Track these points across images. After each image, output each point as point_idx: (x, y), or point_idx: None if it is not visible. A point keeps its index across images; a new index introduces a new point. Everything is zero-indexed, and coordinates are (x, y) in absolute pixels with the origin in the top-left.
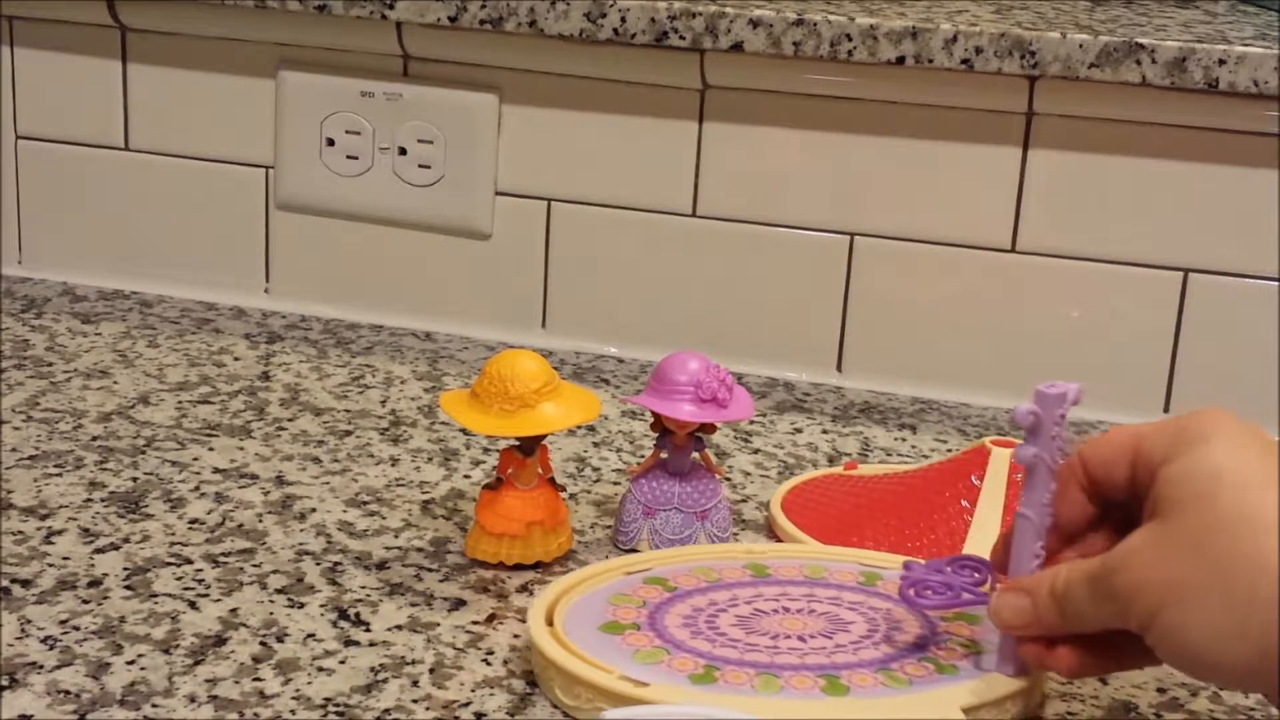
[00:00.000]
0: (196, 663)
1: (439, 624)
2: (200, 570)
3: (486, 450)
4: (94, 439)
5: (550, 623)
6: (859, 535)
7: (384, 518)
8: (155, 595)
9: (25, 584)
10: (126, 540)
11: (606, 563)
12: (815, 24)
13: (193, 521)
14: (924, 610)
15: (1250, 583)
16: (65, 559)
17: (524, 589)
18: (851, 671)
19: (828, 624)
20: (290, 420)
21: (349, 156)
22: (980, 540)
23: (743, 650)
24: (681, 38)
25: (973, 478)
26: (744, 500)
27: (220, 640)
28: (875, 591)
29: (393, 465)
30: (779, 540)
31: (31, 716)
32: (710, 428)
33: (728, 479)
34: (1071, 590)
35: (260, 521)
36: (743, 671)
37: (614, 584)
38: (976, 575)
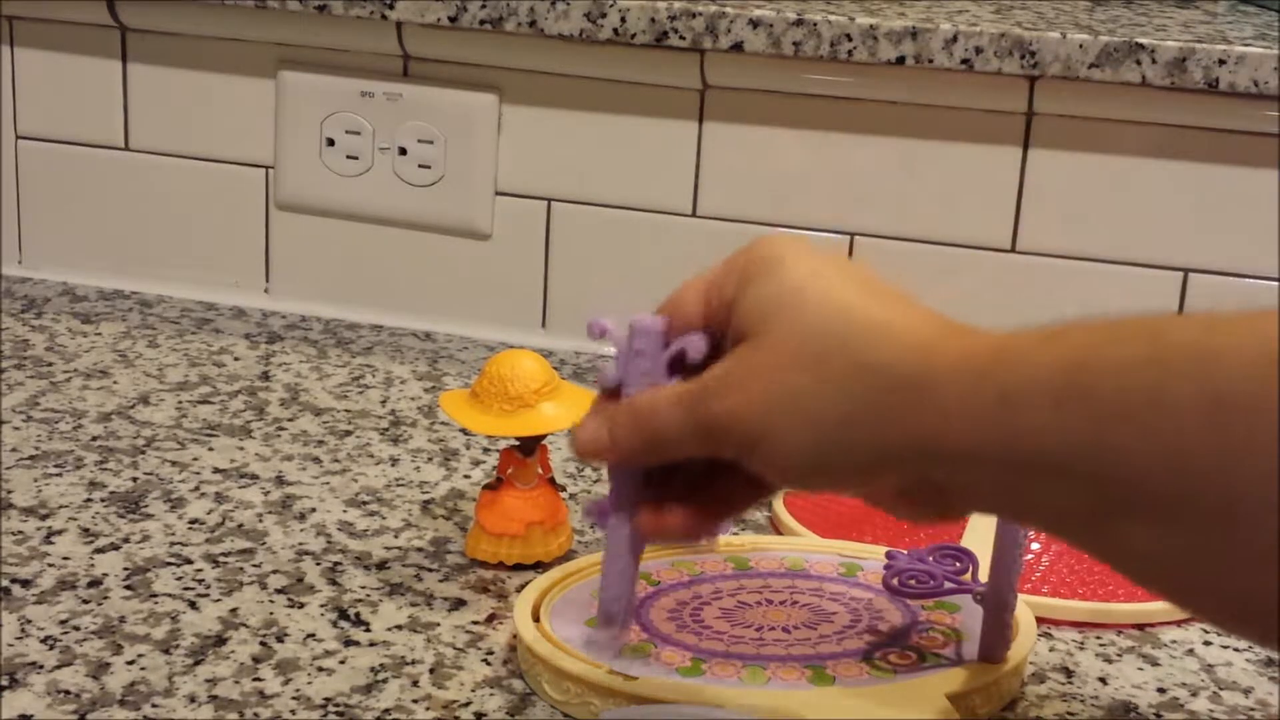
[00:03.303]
0: (196, 663)
1: (439, 624)
2: (200, 570)
3: (486, 450)
4: (94, 439)
5: (537, 619)
6: (859, 530)
7: (384, 518)
8: (155, 595)
9: (25, 584)
10: (126, 540)
11: (589, 558)
12: (815, 24)
13: (193, 521)
14: (908, 599)
15: (856, 385)
16: (65, 559)
17: (524, 589)
18: (837, 662)
19: (811, 615)
20: (290, 420)
21: (349, 156)
22: (977, 534)
23: (729, 642)
24: (681, 38)
25: None
26: None
27: (220, 640)
28: (856, 582)
29: (393, 465)
30: (780, 535)
31: (32, 716)
32: None
33: None
34: (659, 413)
35: (260, 521)
36: (730, 664)
37: (597, 579)
38: (958, 564)
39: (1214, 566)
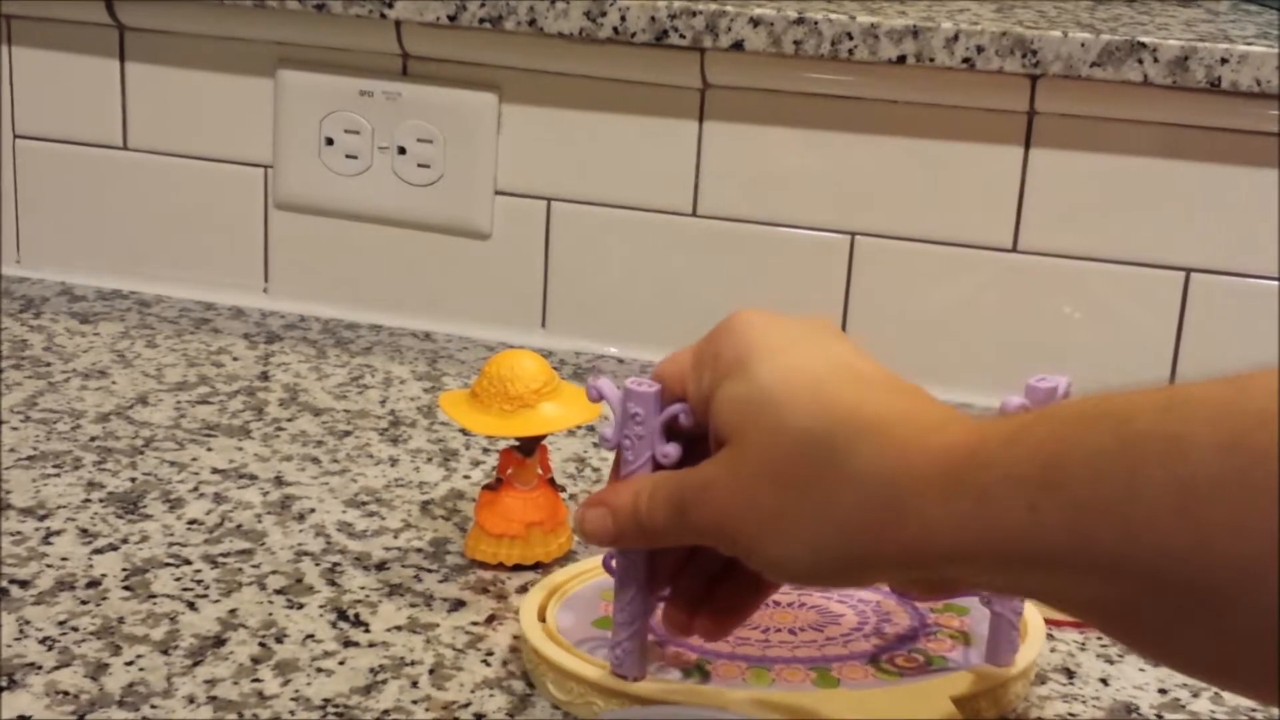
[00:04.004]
0: (195, 663)
1: (438, 625)
2: (199, 571)
3: (486, 450)
4: (92, 439)
5: (543, 619)
6: None
7: (383, 518)
8: (154, 596)
9: (24, 585)
10: (125, 541)
11: (598, 558)
12: (816, 23)
13: (191, 522)
14: (913, 602)
15: (841, 501)
16: (64, 559)
17: (524, 590)
18: (842, 664)
19: (818, 617)
20: (289, 420)
21: (348, 156)
22: None
23: (734, 644)
24: (682, 36)
25: None
26: None
27: (219, 641)
28: None
29: (392, 465)
30: None
31: (30, 717)
32: None
33: None
34: (655, 514)
35: (259, 522)
36: (734, 665)
37: (606, 580)
38: None
39: (1202, 644)
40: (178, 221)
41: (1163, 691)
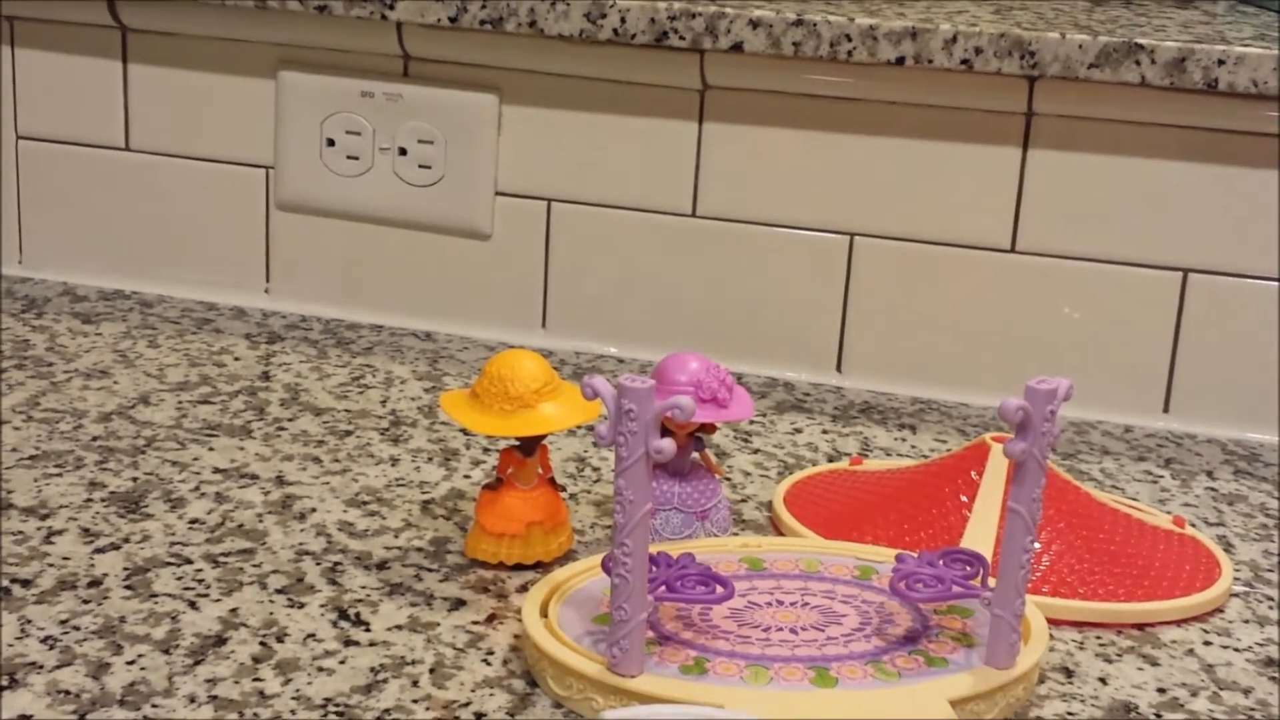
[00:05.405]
0: (196, 663)
1: (439, 624)
2: (200, 570)
3: (486, 450)
4: (94, 439)
5: (546, 615)
6: (859, 530)
7: (384, 518)
8: (155, 595)
9: (25, 584)
10: (126, 540)
11: (599, 557)
12: (815, 24)
13: (193, 521)
14: (915, 602)
15: None
16: (65, 559)
17: (524, 589)
18: (841, 664)
19: (820, 617)
20: (290, 420)
21: (349, 157)
22: (978, 534)
23: (734, 642)
24: (681, 38)
25: (972, 473)
26: (744, 500)
27: (220, 640)
28: (870, 585)
29: (393, 465)
30: (781, 535)
31: (31, 717)
32: (710, 428)
33: (728, 479)
34: None
35: (260, 521)
36: (733, 663)
37: (607, 578)
38: (968, 568)
39: None
40: (180, 222)
41: (1161, 690)
